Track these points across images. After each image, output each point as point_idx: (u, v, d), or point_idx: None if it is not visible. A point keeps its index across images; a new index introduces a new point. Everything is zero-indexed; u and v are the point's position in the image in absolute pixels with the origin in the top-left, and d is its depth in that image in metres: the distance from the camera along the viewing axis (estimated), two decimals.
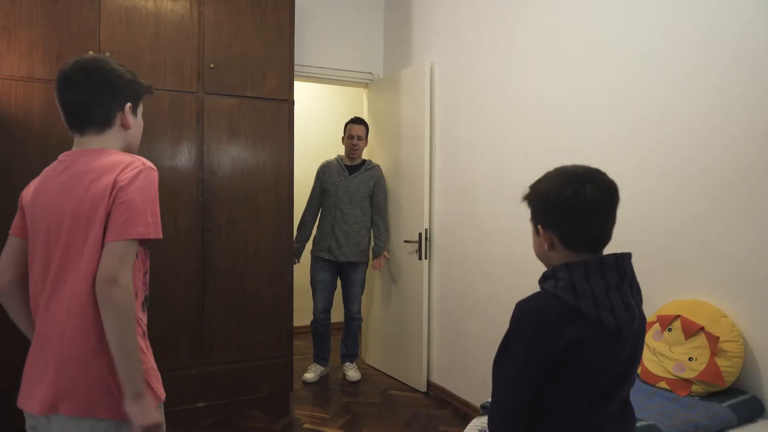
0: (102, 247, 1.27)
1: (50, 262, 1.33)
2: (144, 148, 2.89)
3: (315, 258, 3.88)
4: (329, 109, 5.23)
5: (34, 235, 1.38)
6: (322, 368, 3.93)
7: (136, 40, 2.98)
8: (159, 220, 1.33)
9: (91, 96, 1.37)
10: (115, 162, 1.33)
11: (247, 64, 3.24)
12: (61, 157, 1.42)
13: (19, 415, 1.39)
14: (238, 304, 3.27)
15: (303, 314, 4.26)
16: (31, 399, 1.32)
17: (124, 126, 1.43)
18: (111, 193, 1.28)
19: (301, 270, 3.95)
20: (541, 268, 1.24)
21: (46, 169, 1.42)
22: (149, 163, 1.36)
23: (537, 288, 1.21)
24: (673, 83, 2.21)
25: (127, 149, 1.45)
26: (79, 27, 2.85)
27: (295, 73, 3.45)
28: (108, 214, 1.28)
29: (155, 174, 1.36)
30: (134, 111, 1.45)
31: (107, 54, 2.88)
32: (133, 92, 1.44)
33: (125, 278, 1.25)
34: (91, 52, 2.84)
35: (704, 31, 2.11)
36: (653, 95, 2.28)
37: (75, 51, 2.81)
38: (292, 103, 3.37)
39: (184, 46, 3.09)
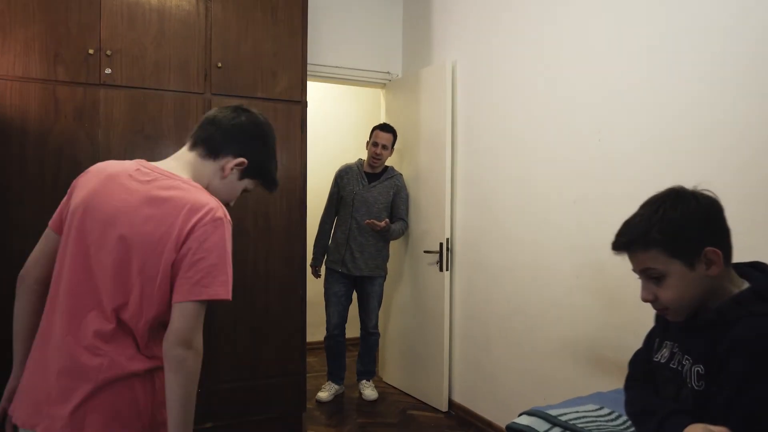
0: (170, 296, 1.20)
1: (94, 278, 1.22)
2: (147, 153, 2.79)
3: (329, 269, 3.75)
4: (344, 112, 5.08)
5: (74, 233, 1.26)
6: (336, 387, 3.80)
7: (139, 38, 2.84)
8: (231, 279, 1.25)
9: (229, 131, 1.36)
10: (201, 202, 1.25)
11: (257, 63, 3.10)
12: (141, 164, 1.32)
13: None
14: (247, 318, 3.12)
15: (316, 329, 4.14)
16: (40, 420, 1.19)
17: (223, 170, 1.36)
18: (184, 237, 1.20)
19: (315, 282, 3.82)
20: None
21: (117, 170, 1.31)
22: (226, 213, 1.28)
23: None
24: (707, 82, 2.09)
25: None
26: (78, 24, 2.71)
27: (308, 72, 3.31)
28: (175, 262, 1.20)
29: (230, 227, 1.28)
30: (243, 174, 1.39)
31: (108, 53, 2.76)
32: (257, 161, 1.39)
33: (198, 342, 1.19)
34: (90, 51, 2.73)
35: (741, 29, 1.96)
36: (688, 94, 2.15)
37: (74, 49, 2.70)
38: (304, 104, 3.23)
39: (190, 45, 2.95)
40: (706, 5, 2.10)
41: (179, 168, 1.35)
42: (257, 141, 1.39)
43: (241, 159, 1.37)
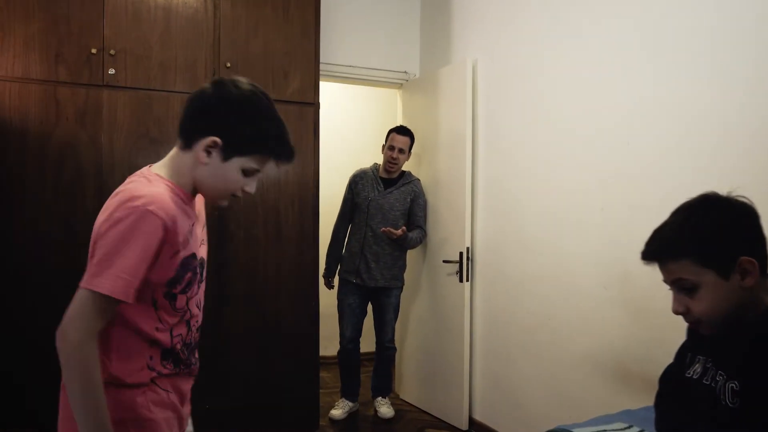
0: None
1: None
2: (152, 157, 2.72)
3: (342, 280, 3.65)
4: (359, 114, 4.98)
5: None
6: (351, 404, 3.67)
7: (144, 36, 2.77)
8: (133, 279, 1.14)
9: (193, 113, 1.26)
10: (135, 193, 1.18)
11: (268, 63, 3.04)
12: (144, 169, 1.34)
13: None
14: (257, 330, 3.06)
15: (330, 343, 4.04)
16: None
17: (198, 158, 1.24)
18: (98, 226, 1.18)
19: (328, 293, 3.73)
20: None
21: None
22: (156, 205, 1.16)
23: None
24: (741, 86, 2.01)
25: (199, 189, 1.30)
26: (81, 22, 2.65)
27: (320, 72, 3.24)
28: (90, 252, 1.19)
29: (153, 221, 1.15)
30: (227, 154, 1.24)
31: (111, 52, 2.70)
32: (240, 135, 1.23)
33: (75, 333, 1.12)
34: (93, 50, 2.67)
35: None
36: (722, 98, 2.07)
37: (76, 49, 2.64)
38: (317, 106, 3.16)
39: (198, 44, 2.88)
40: (737, 10, 2.01)
41: (159, 165, 1.29)
42: (231, 114, 1.22)
43: (210, 139, 1.21)
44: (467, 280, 3.41)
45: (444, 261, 3.53)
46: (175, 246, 1.21)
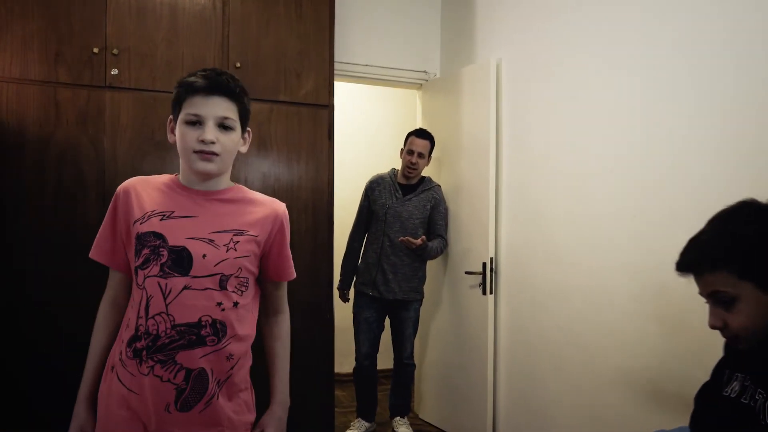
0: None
1: None
2: (157, 162, 2.67)
3: (358, 293, 3.56)
4: (376, 116, 4.90)
5: None
6: (367, 424, 3.57)
7: (149, 34, 2.68)
8: (101, 241, 1.45)
9: None
10: None
11: (280, 62, 2.93)
12: None
13: None
14: None
15: (345, 359, 3.99)
16: None
17: (171, 142, 1.47)
18: None
19: (343, 306, 3.65)
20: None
21: None
22: (124, 183, 1.46)
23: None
24: None
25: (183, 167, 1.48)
26: (82, 19, 2.56)
27: (335, 72, 3.14)
28: None
29: (118, 193, 1.44)
30: (174, 122, 1.45)
31: (114, 51, 2.61)
32: (174, 100, 1.44)
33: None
34: (95, 49, 2.58)
35: None
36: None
37: (76, 48, 2.55)
38: (332, 108, 3.05)
39: (206, 42, 2.78)
40: None
41: None
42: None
43: (169, 118, 1.46)
44: (491, 293, 3.33)
45: (466, 272, 3.45)
46: (129, 215, 1.39)
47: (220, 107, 1.36)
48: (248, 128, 1.49)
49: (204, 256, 1.36)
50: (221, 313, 1.38)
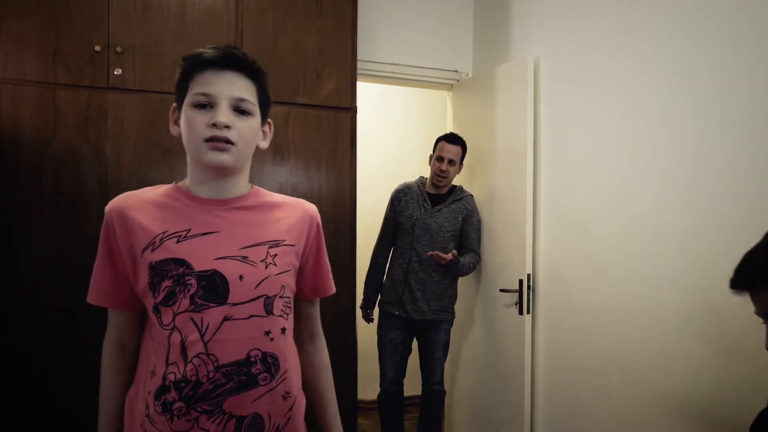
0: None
1: None
2: (165, 170, 2.56)
3: (383, 312, 3.42)
4: (402, 119, 4.85)
5: None
6: None
7: (156, 31, 2.57)
8: (98, 283, 1.22)
9: None
10: None
11: (298, 62, 2.81)
12: None
13: None
14: None
15: (368, 385, 3.86)
16: None
17: (175, 135, 1.29)
18: None
19: (367, 327, 3.55)
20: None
21: None
22: (110, 204, 1.22)
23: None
24: None
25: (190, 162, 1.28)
26: (82, 15, 2.46)
27: (358, 72, 3.03)
28: None
29: (108, 219, 1.19)
30: (178, 110, 1.26)
31: (118, 49, 2.50)
32: (179, 81, 1.26)
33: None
34: (97, 48, 2.46)
35: None
36: None
37: (76, 45, 2.44)
38: (354, 111, 2.93)
39: (217, 39, 2.65)
40: None
41: None
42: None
43: (172, 107, 1.28)
44: (528, 312, 3.21)
45: (501, 290, 3.33)
46: (132, 243, 1.16)
47: (236, 86, 1.18)
48: (269, 120, 1.31)
49: (241, 277, 1.18)
50: (271, 344, 1.20)
